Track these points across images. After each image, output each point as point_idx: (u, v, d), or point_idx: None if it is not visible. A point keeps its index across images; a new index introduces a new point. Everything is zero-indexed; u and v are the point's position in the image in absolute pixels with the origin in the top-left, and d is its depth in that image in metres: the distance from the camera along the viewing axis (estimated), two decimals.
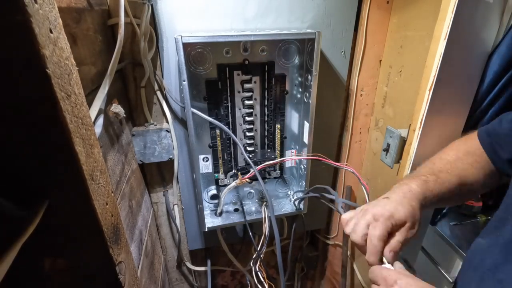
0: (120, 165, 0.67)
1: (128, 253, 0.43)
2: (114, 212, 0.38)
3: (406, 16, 0.80)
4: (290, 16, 0.81)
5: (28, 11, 0.23)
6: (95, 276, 0.37)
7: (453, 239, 1.11)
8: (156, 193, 0.94)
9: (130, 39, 0.72)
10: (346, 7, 0.84)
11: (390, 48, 0.88)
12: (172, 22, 0.75)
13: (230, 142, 0.91)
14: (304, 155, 0.90)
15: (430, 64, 0.68)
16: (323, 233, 1.24)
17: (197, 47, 0.76)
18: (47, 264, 0.34)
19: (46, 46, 0.25)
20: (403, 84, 0.83)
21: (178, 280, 1.13)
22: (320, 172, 1.04)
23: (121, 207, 0.64)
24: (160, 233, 1.01)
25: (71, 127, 0.28)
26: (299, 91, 0.87)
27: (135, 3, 0.68)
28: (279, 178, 1.02)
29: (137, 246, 0.72)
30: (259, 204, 0.98)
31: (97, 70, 0.57)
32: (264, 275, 0.87)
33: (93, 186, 0.32)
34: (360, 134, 1.03)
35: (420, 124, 0.72)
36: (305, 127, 0.86)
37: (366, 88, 0.96)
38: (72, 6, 0.48)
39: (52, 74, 0.26)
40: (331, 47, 0.87)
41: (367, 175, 1.04)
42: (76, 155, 0.29)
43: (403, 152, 0.80)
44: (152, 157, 0.83)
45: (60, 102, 0.27)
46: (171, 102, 0.82)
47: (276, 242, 0.72)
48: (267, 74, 0.85)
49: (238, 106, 0.87)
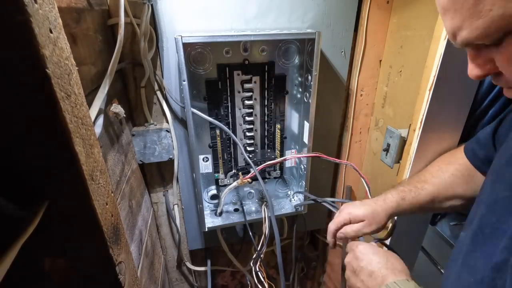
0: (120, 165, 0.67)
1: (128, 253, 0.43)
2: (114, 212, 0.38)
3: (406, 16, 0.80)
4: (290, 16, 0.81)
5: (28, 11, 0.23)
6: (95, 276, 0.37)
7: (453, 239, 1.11)
8: (156, 193, 0.94)
9: (130, 39, 0.72)
10: (346, 7, 0.84)
11: (390, 48, 0.88)
12: (172, 22, 0.75)
13: (230, 142, 0.91)
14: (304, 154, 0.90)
15: (430, 64, 0.68)
16: (323, 233, 1.24)
17: (197, 47, 0.76)
18: (47, 264, 0.34)
19: (46, 46, 0.25)
20: (403, 84, 0.83)
21: (178, 280, 1.13)
22: (320, 172, 1.04)
23: (121, 207, 0.64)
24: (160, 233, 1.00)
25: (71, 127, 0.28)
26: (299, 91, 0.87)
27: (135, 3, 0.68)
28: (279, 178, 1.02)
29: (137, 246, 0.72)
30: (259, 204, 0.98)
31: (97, 70, 0.57)
32: (264, 275, 0.87)
33: (93, 186, 0.32)
34: (360, 134, 1.03)
35: (420, 124, 0.72)
36: (305, 127, 0.86)
37: (366, 88, 0.96)
38: (72, 6, 0.48)
39: (52, 74, 0.26)
40: (331, 47, 0.87)
41: (367, 175, 1.04)
42: (76, 155, 0.29)
43: (403, 152, 0.80)
44: (152, 157, 0.83)
45: (60, 102, 0.27)
46: (171, 102, 0.82)
47: (276, 242, 0.72)
48: (267, 74, 0.85)
49: (238, 106, 0.87)
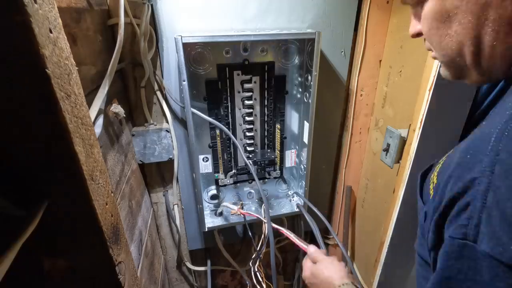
0: (120, 165, 0.67)
1: (128, 253, 0.43)
2: (114, 212, 0.38)
3: (406, 16, 0.80)
4: (290, 16, 0.81)
5: (27, 11, 0.23)
6: (95, 276, 0.37)
7: None
8: (156, 193, 0.94)
9: (130, 39, 0.72)
10: (346, 7, 0.84)
11: (390, 48, 0.88)
12: (172, 22, 0.75)
13: (230, 142, 0.91)
14: (304, 155, 0.90)
15: (430, 64, 0.68)
16: (323, 233, 1.24)
17: (197, 47, 0.76)
18: (47, 264, 0.34)
19: (46, 46, 0.25)
20: (403, 84, 0.83)
21: (178, 280, 1.13)
22: (320, 172, 1.04)
23: (121, 207, 0.64)
24: (160, 233, 1.00)
25: (71, 127, 0.28)
26: (299, 91, 0.87)
27: (135, 3, 0.68)
28: (279, 178, 1.02)
29: (137, 246, 0.72)
30: (259, 204, 0.98)
31: (97, 70, 0.57)
32: (263, 275, 0.87)
33: (93, 186, 0.32)
34: (360, 134, 1.03)
35: (420, 124, 0.72)
36: (305, 127, 0.86)
37: (366, 88, 0.96)
38: (72, 6, 0.48)
39: (52, 74, 0.26)
40: (331, 47, 0.87)
41: (367, 175, 1.04)
42: (76, 155, 0.29)
43: (403, 152, 0.80)
44: (152, 157, 0.83)
45: (60, 102, 0.27)
46: (171, 102, 0.82)
47: (270, 243, 0.73)
48: (267, 74, 0.85)
49: (238, 106, 0.87)
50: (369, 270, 1.02)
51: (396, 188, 0.82)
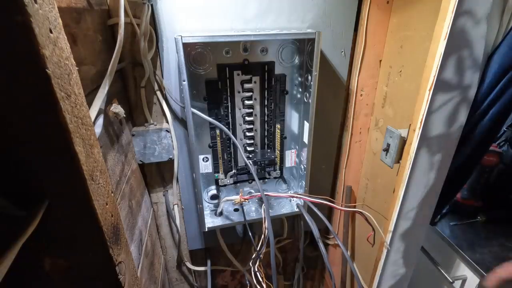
0: (120, 165, 0.67)
1: (128, 253, 0.43)
2: (114, 212, 0.38)
3: (406, 16, 0.80)
4: (290, 16, 0.81)
5: (28, 11, 0.23)
6: (95, 276, 0.37)
7: (453, 239, 1.11)
8: (156, 193, 0.94)
9: (130, 39, 0.72)
10: (346, 7, 0.84)
11: (390, 48, 0.88)
12: (172, 22, 0.75)
13: (230, 142, 0.91)
14: (304, 155, 0.90)
15: (430, 64, 0.68)
16: (323, 233, 1.24)
17: (197, 47, 0.76)
18: (47, 264, 0.34)
19: (46, 46, 0.25)
20: (403, 84, 0.83)
21: (178, 280, 1.13)
22: (320, 172, 1.04)
23: (121, 207, 0.64)
24: (160, 233, 1.00)
25: (71, 127, 0.28)
26: (299, 91, 0.87)
27: (135, 3, 0.68)
28: (279, 178, 1.02)
29: (137, 246, 0.72)
30: (259, 204, 0.98)
31: (97, 70, 0.57)
32: (263, 275, 0.87)
33: (93, 186, 0.32)
34: (360, 134, 1.03)
35: (420, 124, 0.72)
36: (305, 127, 0.86)
37: (366, 88, 0.96)
38: (72, 6, 0.48)
39: (52, 74, 0.26)
40: (331, 47, 0.87)
41: (367, 175, 1.04)
42: (76, 155, 0.29)
43: (403, 152, 0.80)
44: (152, 157, 0.83)
45: (60, 102, 0.27)
46: (171, 102, 0.82)
47: (270, 243, 0.73)
48: (267, 74, 0.85)
49: (238, 106, 0.87)
50: (369, 270, 1.02)
51: (396, 188, 0.82)
